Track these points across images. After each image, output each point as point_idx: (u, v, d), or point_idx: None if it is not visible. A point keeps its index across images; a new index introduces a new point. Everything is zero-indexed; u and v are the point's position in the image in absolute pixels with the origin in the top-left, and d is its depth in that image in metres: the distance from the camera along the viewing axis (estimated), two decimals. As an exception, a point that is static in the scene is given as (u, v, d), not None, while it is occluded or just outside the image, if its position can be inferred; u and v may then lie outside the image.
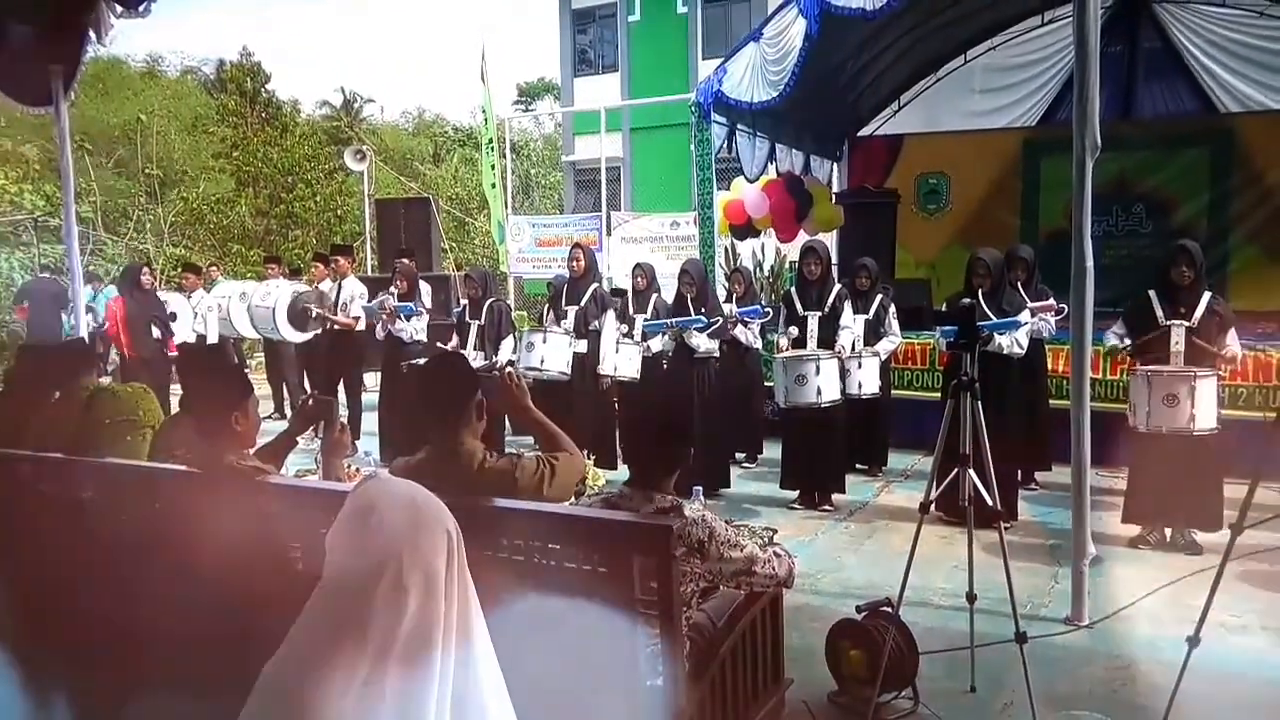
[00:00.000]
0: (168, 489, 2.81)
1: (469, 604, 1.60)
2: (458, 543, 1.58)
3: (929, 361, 7.87)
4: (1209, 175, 10.67)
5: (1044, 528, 5.72)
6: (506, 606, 2.17)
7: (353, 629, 1.44)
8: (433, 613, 1.50)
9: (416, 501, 1.58)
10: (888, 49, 9.97)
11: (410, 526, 1.53)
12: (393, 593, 1.46)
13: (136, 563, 2.67)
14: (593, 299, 7.19)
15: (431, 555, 1.53)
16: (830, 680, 3.47)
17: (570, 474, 2.70)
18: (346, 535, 1.53)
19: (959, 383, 3.46)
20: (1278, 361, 6.62)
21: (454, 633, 1.53)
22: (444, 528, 1.58)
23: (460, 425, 2.62)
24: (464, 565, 1.60)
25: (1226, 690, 3.43)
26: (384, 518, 1.52)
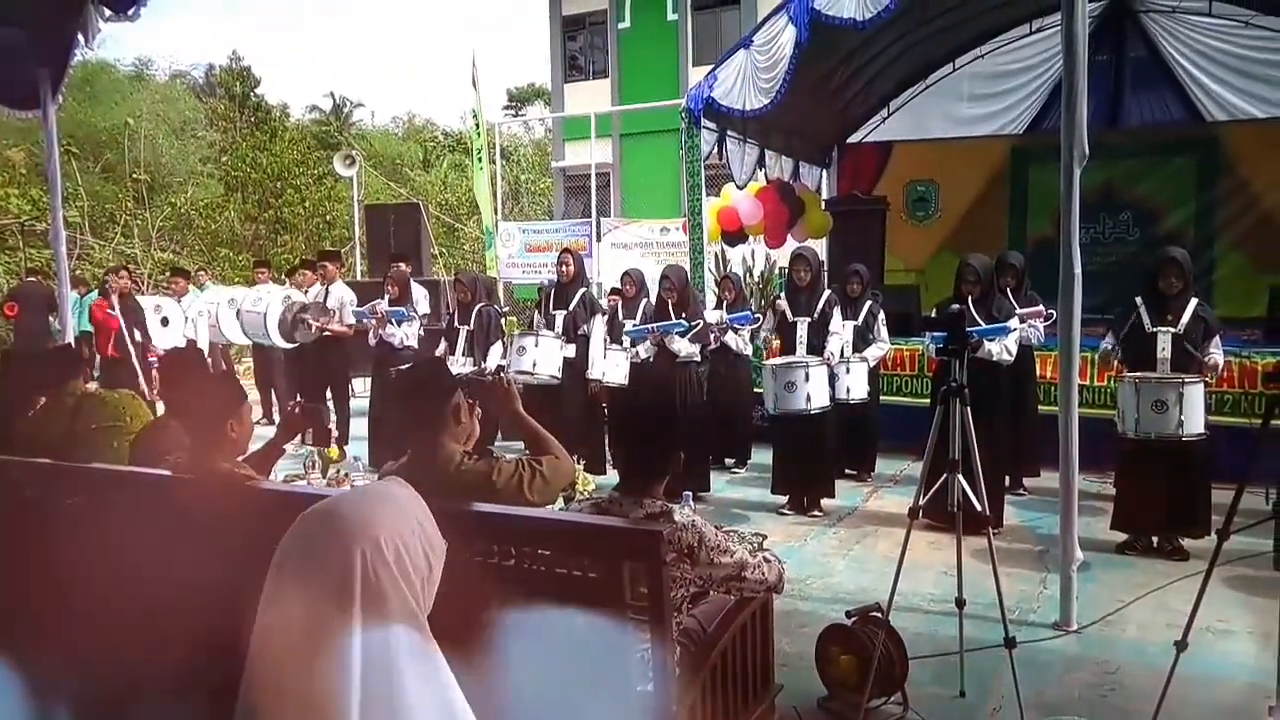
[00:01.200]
0: (161, 495, 2.79)
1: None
2: (422, 542, 1.56)
3: (918, 367, 7.90)
4: (1195, 183, 10.77)
5: (1032, 533, 5.74)
6: (497, 612, 2.17)
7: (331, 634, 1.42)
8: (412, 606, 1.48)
9: (382, 492, 1.58)
10: (877, 57, 10.03)
11: (376, 513, 1.51)
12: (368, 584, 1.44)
13: (128, 568, 2.65)
14: (581, 304, 7.20)
15: (408, 538, 1.51)
16: (820, 685, 3.48)
17: (555, 477, 2.69)
18: (305, 541, 1.51)
19: (949, 389, 3.48)
20: (1262, 368, 6.66)
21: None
22: (414, 518, 1.56)
23: (437, 429, 2.64)
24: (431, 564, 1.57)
25: (1213, 695, 3.45)
26: (346, 511, 1.51)
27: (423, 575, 1.59)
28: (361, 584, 1.48)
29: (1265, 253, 10.30)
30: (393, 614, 1.51)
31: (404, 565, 1.54)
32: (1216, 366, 5.20)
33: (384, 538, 1.52)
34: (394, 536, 1.54)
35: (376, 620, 1.48)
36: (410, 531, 1.56)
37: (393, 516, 1.56)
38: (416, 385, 2.85)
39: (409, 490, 1.62)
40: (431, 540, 1.60)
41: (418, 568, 1.58)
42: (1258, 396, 6.67)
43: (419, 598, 1.57)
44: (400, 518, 1.56)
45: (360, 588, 1.48)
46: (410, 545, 1.56)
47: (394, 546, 1.53)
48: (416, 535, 1.56)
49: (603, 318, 7.27)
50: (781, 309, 6.47)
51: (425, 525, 1.59)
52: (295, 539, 1.53)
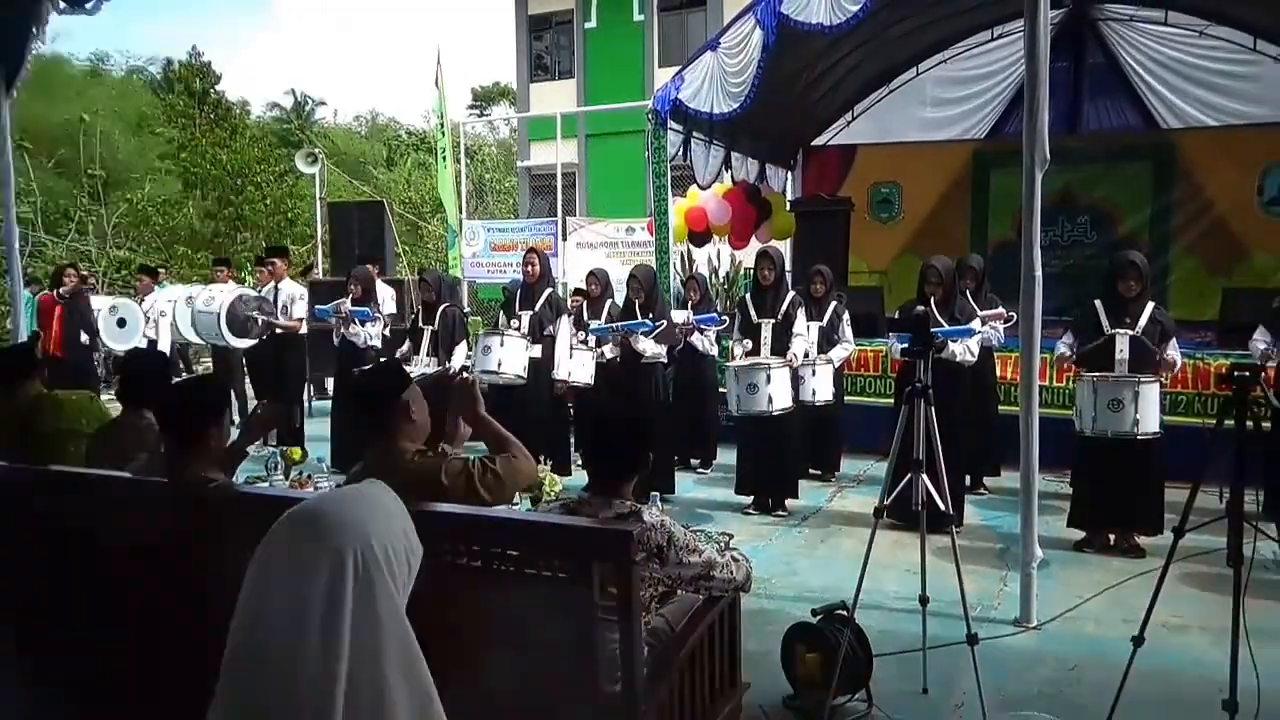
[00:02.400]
0: (135, 500, 2.74)
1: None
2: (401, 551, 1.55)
3: (881, 368, 7.98)
4: (1151, 189, 11.00)
5: (993, 532, 5.83)
6: (467, 613, 2.16)
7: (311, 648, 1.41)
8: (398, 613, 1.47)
9: (368, 495, 1.57)
10: (842, 60, 10.12)
11: (366, 515, 1.50)
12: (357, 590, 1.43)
13: (104, 574, 2.60)
14: (547, 304, 7.18)
15: (395, 541, 1.50)
16: (786, 684, 3.50)
17: (511, 476, 2.68)
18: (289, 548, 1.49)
19: (913, 389, 3.52)
20: (1215, 370, 6.82)
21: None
22: (399, 522, 1.55)
23: (388, 427, 2.65)
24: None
25: (1168, 689, 3.53)
26: (334, 515, 1.49)
27: (404, 578, 1.59)
28: (354, 585, 1.47)
29: (1218, 257, 10.56)
30: (382, 616, 1.50)
31: (392, 568, 1.53)
32: (1173, 367, 5.32)
33: (375, 539, 1.51)
34: (384, 538, 1.53)
35: (366, 623, 1.48)
36: (396, 535, 1.56)
37: (381, 519, 1.55)
38: (367, 385, 2.90)
39: (390, 493, 1.61)
40: (412, 544, 1.59)
41: (400, 570, 1.57)
42: (1211, 397, 6.83)
43: (401, 599, 1.56)
44: (387, 520, 1.56)
45: (353, 588, 1.47)
46: (396, 548, 1.56)
47: (384, 548, 1.53)
48: (400, 538, 1.56)
49: (569, 318, 7.26)
50: (747, 310, 6.50)
51: (407, 529, 1.59)
52: (281, 539, 1.51)
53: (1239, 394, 2.94)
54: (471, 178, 22.78)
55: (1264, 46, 10.10)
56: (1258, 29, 9.97)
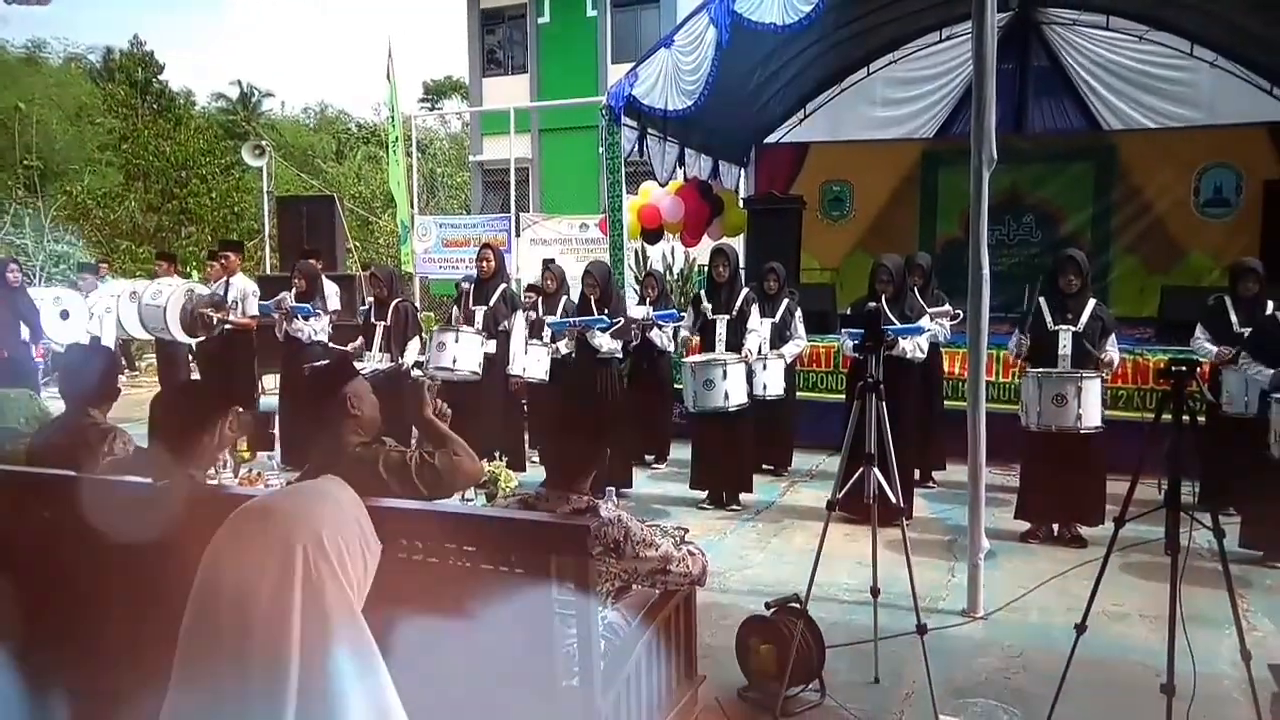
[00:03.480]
0: (125, 501, 2.68)
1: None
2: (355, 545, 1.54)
3: (833, 364, 8.07)
4: (1093, 189, 11.28)
5: (942, 524, 5.94)
6: (423, 609, 2.16)
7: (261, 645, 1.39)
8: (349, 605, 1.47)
9: (322, 491, 1.56)
10: (794, 59, 10.21)
11: (317, 511, 1.49)
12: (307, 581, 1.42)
13: (97, 578, 2.54)
14: (502, 299, 7.15)
15: (348, 536, 1.49)
16: (741, 675, 3.54)
17: (450, 473, 2.66)
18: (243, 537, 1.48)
19: (865, 384, 3.57)
20: (1154, 365, 7.02)
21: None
22: (353, 518, 1.55)
23: (331, 421, 2.65)
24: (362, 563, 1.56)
25: (1109, 674, 3.64)
26: (285, 507, 1.48)
27: (359, 575, 1.58)
28: (302, 580, 1.46)
29: (1157, 256, 10.87)
30: (332, 612, 1.49)
31: (344, 563, 1.52)
32: (1112, 363, 5.48)
33: (326, 535, 1.50)
34: (335, 534, 1.52)
35: (315, 617, 1.46)
36: (350, 531, 1.55)
37: (333, 515, 1.55)
38: (313, 378, 2.87)
39: (348, 491, 1.61)
40: (368, 540, 1.58)
41: (355, 567, 1.56)
42: (1150, 392, 7.03)
43: (357, 596, 1.55)
44: (340, 516, 1.55)
45: (300, 583, 1.45)
46: (350, 544, 1.55)
47: (335, 544, 1.52)
48: (355, 535, 1.55)
49: (523, 313, 7.23)
50: (702, 306, 6.54)
51: (363, 525, 1.58)
52: (233, 534, 1.50)
53: (1176, 388, 3.04)
54: (423, 172, 22.57)
55: (1200, 52, 10.42)
56: (1194, 34, 10.28)
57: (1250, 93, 10.38)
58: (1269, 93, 10.32)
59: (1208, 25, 9.88)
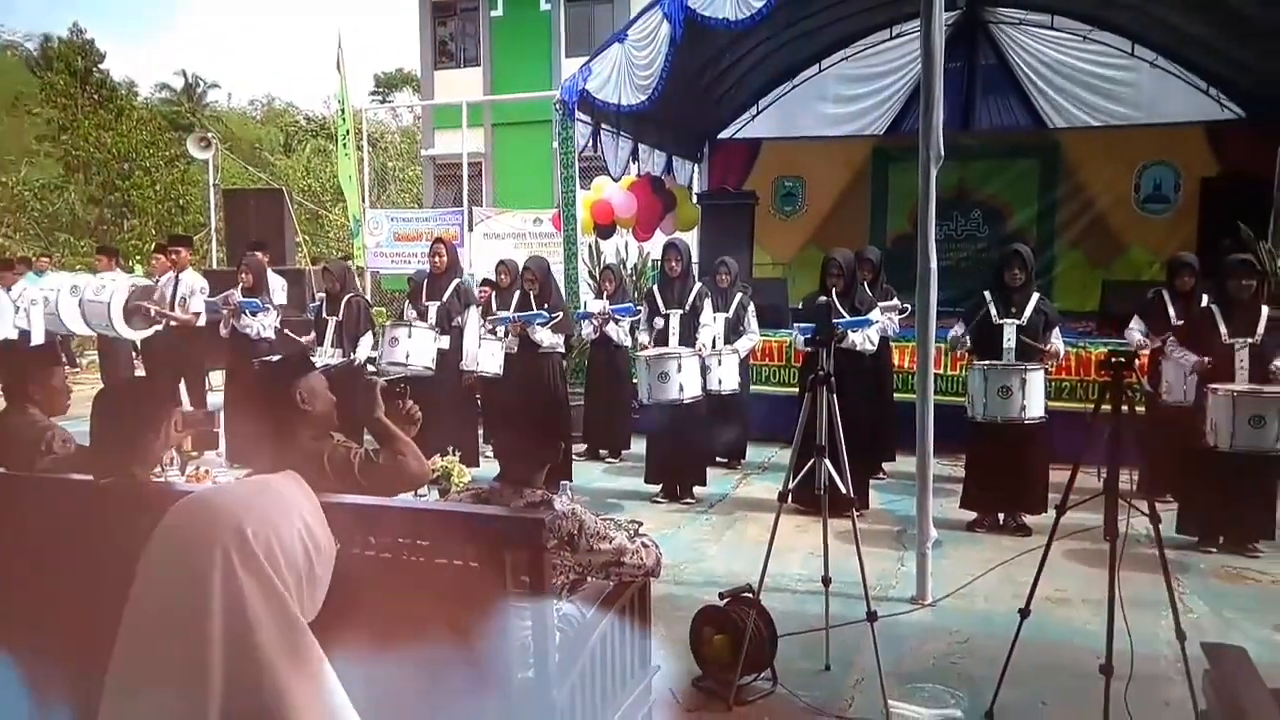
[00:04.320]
0: (73, 500, 2.62)
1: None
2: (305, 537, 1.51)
3: (785, 358, 8.16)
4: (1038, 185, 11.52)
5: (891, 514, 6.05)
6: (377, 604, 2.15)
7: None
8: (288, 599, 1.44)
9: (263, 484, 1.53)
10: (747, 55, 10.28)
11: (249, 505, 1.46)
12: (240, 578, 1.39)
13: (37, 579, 2.48)
14: (455, 294, 7.11)
15: (284, 532, 1.46)
16: (695, 665, 3.58)
17: (395, 473, 2.61)
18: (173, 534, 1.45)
19: (816, 377, 3.63)
20: (1095, 357, 7.20)
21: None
22: (297, 513, 1.51)
23: (280, 416, 2.62)
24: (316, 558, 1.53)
25: (1052, 657, 3.74)
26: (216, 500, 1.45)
27: (300, 573, 1.54)
28: (222, 581, 1.42)
29: (1099, 251, 11.14)
30: (258, 614, 1.44)
31: (276, 561, 1.47)
32: (1056, 355, 5.63)
33: (252, 530, 1.46)
34: (266, 530, 1.47)
35: (238, 620, 1.42)
36: (288, 526, 1.51)
37: (267, 509, 1.50)
38: (264, 373, 2.82)
39: (299, 485, 1.57)
40: (316, 539, 1.54)
41: (293, 565, 1.52)
42: (1091, 383, 7.22)
43: (294, 596, 1.51)
44: (278, 511, 1.51)
45: (220, 585, 1.41)
46: (286, 541, 1.50)
47: (264, 540, 1.47)
48: (296, 531, 1.51)
49: (477, 308, 7.20)
50: (656, 301, 6.57)
51: (310, 522, 1.54)
52: (163, 530, 1.47)
53: (1115, 379, 3.14)
54: (374, 166, 22.29)
55: (1141, 52, 10.69)
56: (1135, 35, 10.54)
57: (1188, 92, 10.68)
58: (1206, 93, 10.63)
59: (1148, 26, 10.13)
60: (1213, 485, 5.22)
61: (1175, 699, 3.32)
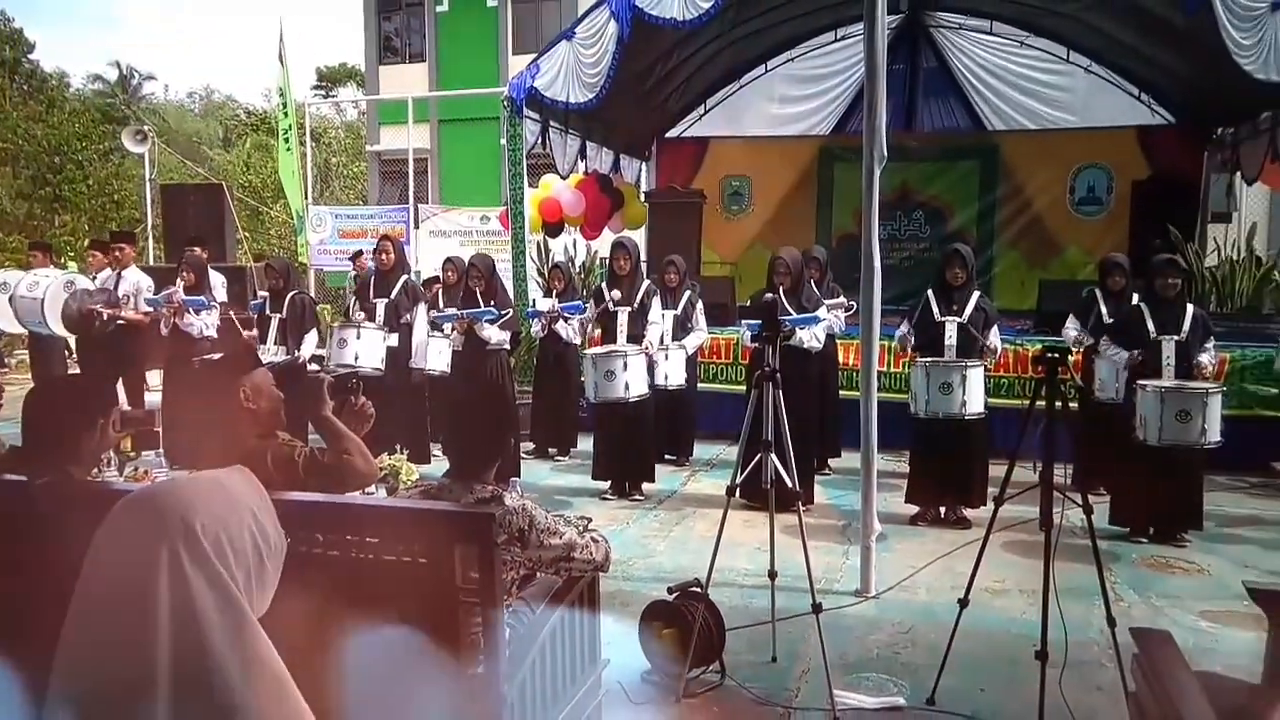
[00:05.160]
0: (7, 502, 2.54)
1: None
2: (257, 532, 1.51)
3: (733, 355, 8.24)
4: (978, 187, 11.79)
5: (836, 509, 6.15)
6: (326, 602, 2.14)
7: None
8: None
9: (213, 480, 1.52)
10: (695, 54, 10.34)
11: (197, 501, 1.45)
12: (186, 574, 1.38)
13: None
14: (403, 291, 7.05)
15: (233, 528, 1.46)
16: (644, 660, 3.61)
17: (342, 472, 2.58)
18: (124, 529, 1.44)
19: (762, 373, 3.68)
20: (1033, 354, 7.40)
21: None
22: (247, 509, 1.51)
23: (224, 415, 2.59)
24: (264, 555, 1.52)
25: (990, 646, 3.85)
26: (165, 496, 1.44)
27: (249, 568, 1.53)
28: (170, 577, 1.41)
29: (1036, 251, 11.44)
30: (207, 610, 1.44)
31: (225, 557, 1.47)
32: (995, 352, 5.77)
33: (201, 526, 1.45)
34: (215, 526, 1.47)
35: (187, 616, 1.42)
36: (238, 522, 1.50)
37: (216, 505, 1.50)
38: (209, 371, 2.78)
39: (248, 480, 1.56)
40: (266, 534, 1.54)
41: (243, 560, 1.52)
42: (1029, 380, 7.41)
43: (245, 591, 1.50)
44: (227, 507, 1.50)
45: (168, 581, 1.41)
46: (236, 536, 1.50)
47: (214, 536, 1.46)
48: (246, 526, 1.50)
49: (425, 306, 7.15)
50: (603, 298, 6.59)
51: (260, 517, 1.53)
52: (110, 526, 1.46)
53: (1050, 376, 3.24)
54: (317, 162, 21.94)
55: (1076, 58, 11.01)
56: (1070, 41, 10.84)
57: (1121, 98, 11.03)
58: (1137, 98, 10.98)
59: (1082, 33, 10.43)
60: (1142, 478, 5.40)
61: (1107, 683, 3.45)
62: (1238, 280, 8.46)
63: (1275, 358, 6.29)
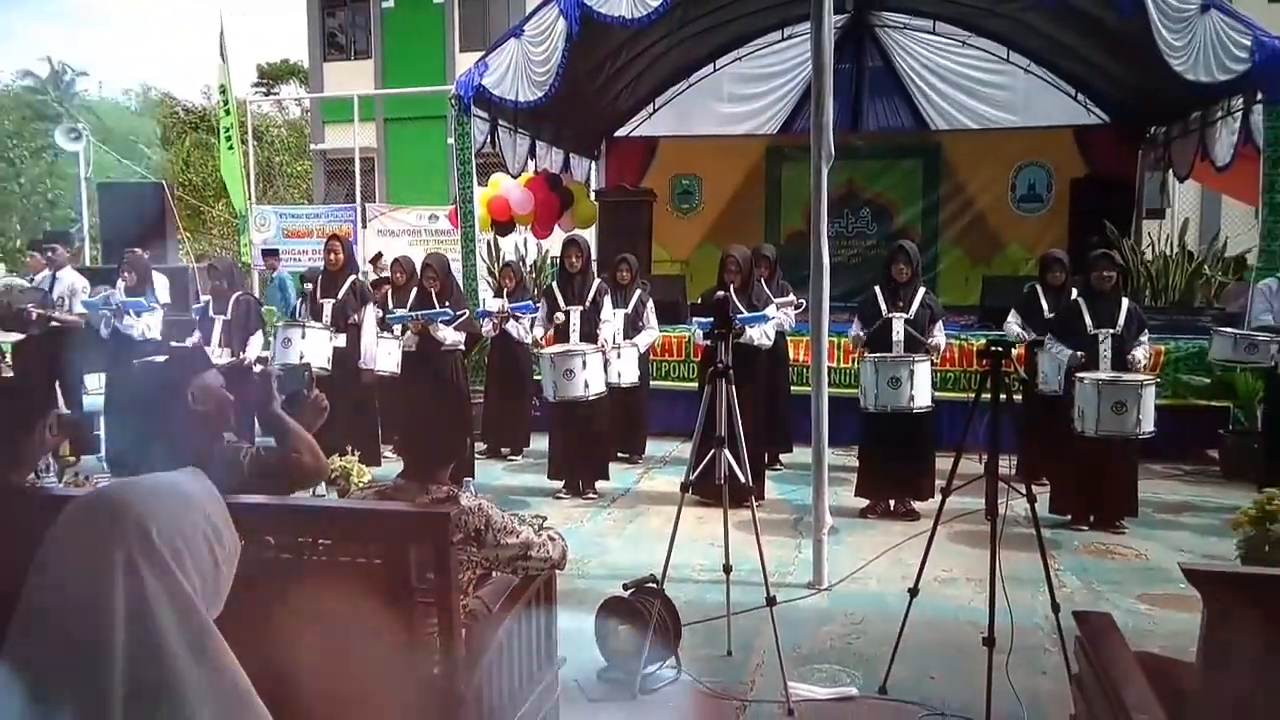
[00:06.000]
0: None
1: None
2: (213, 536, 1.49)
3: (685, 353, 8.28)
4: (922, 185, 12.00)
5: (788, 503, 6.22)
6: (279, 606, 2.11)
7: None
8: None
9: (167, 482, 1.50)
10: (643, 53, 10.37)
11: (153, 504, 1.43)
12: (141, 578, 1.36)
13: None
14: (351, 291, 6.96)
15: (189, 532, 1.44)
16: (600, 657, 3.62)
17: (285, 470, 2.57)
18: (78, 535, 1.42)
19: (715, 370, 3.72)
20: (977, 349, 7.55)
21: None
22: (201, 512, 1.49)
23: (170, 418, 2.55)
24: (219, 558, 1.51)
25: (939, 634, 3.93)
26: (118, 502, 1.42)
27: (205, 572, 1.52)
28: (126, 581, 1.39)
29: (979, 248, 11.68)
30: (164, 613, 1.42)
31: (183, 560, 1.46)
32: (939, 347, 5.89)
33: (157, 529, 1.43)
34: (171, 529, 1.46)
35: (144, 620, 1.40)
36: (193, 525, 1.49)
37: (172, 508, 1.48)
38: (156, 372, 2.73)
39: (202, 483, 1.55)
40: (221, 536, 1.53)
41: (199, 563, 1.50)
42: (974, 374, 7.56)
43: (201, 595, 1.49)
44: (183, 510, 1.49)
45: (124, 585, 1.39)
46: (191, 540, 1.49)
47: (170, 540, 1.45)
48: (201, 530, 1.49)
49: (374, 306, 7.08)
50: (555, 298, 6.58)
51: (215, 520, 1.52)
52: (61, 529, 1.43)
53: (994, 369, 3.32)
54: (260, 160, 21.55)
55: (1016, 58, 11.25)
56: (1010, 42, 11.08)
57: (1059, 97, 11.31)
58: (1075, 98, 11.26)
59: (1021, 34, 10.66)
60: (1082, 468, 5.56)
61: (1052, 666, 3.54)
62: (1171, 275, 8.72)
63: (1209, 348, 6.50)
